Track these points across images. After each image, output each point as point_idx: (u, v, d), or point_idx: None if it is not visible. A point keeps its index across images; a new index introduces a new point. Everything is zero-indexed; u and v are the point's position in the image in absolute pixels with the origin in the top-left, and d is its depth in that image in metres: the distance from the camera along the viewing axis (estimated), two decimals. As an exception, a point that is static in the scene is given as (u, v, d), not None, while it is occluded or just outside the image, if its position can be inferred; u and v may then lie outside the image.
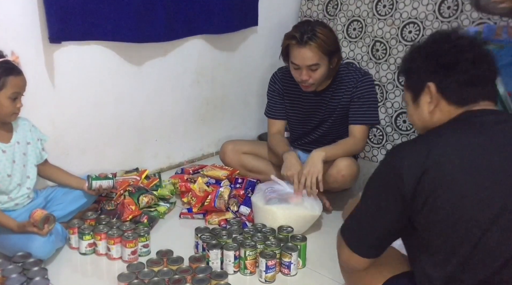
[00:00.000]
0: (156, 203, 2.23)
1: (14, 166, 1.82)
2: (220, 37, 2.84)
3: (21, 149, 1.86)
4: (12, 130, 1.86)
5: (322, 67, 2.16)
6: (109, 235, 1.85)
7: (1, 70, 1.70)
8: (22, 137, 1.88)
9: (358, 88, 2.25)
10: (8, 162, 1.80)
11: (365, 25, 2.94)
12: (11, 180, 1.82)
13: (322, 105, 2.34)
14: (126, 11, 2.29)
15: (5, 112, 1.75)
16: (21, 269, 1.62)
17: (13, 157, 1.82)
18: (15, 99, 1.75)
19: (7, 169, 1.80)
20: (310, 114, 2.39)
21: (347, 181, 2.22)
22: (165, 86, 2.68)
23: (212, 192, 2.21)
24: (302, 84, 2.23)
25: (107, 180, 2.01)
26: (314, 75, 2.16)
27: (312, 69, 2.15)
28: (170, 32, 2.53)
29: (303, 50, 2.10)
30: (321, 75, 2.18)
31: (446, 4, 2.60)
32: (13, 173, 1.82)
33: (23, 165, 1.87)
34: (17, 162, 1.84)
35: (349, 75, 2.27)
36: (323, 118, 2.36)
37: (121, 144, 2.56)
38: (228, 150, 2.51)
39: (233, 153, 2.49)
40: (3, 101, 1.72)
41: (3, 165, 1.79)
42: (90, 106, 2.38)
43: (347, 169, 2.19)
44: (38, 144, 1.94)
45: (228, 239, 1.83)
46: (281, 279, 1.75)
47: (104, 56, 2.36)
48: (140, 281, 1.58)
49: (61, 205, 1.96)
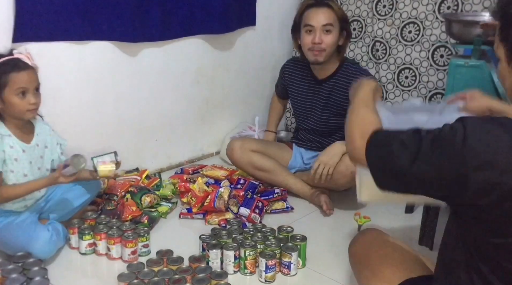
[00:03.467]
0: (158, 202, 2.23)
1: (30, 166, 1.83)
2: (220, 37, 2.84)
3: (39, 151, 1.87)
4: (33, 132, 1.86)
5: (334, 33, 2.26)
6: (109, 235, 1.85)
7: (2, 69, 1.70)
8: (42, 141, 1.88)
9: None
10: (26, 162, 1.81)
11: (365, 25, 2.94)
12: (27, 180, 1.82)
13: (321, 95, 2.37)
14: (121, 11, 2.28)
15: (17, 110, 1.74)
16: (21, 269, 1.62)
17: (30, 158, 1.83)
18: (24, 96, 1.73)
19: (25, 169, 1.81)
20: (310, 103, 2.44)
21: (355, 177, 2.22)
22: (165, 86, 2.68)
23: (212, 192, 2.21)
24: (313, 52, 2.28)
25: (107, 154, 1.93)
26: (326, 39, 2.24)
27: (326, 31, 2.24)
28: (166, 31, 2.52)
29: (320, 10, 2.25)
30: (332, 41, 2.26)
31: (446, 4, 2.60)
32: (29, 173, 1.83)
33: (38, 168, 1.87)
34: (34, 163, 1.84)
35: (353, 74, 2.28)
36: (323, 110, 2.39)
37: (121, 144, 2.56)
38: (236, 147, 2.48)
39: (242, 150, 2.46)
40: (10, 99, 1.71)
41: (22, 164, 1.79)
42: (90, 106, 2.38)
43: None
44: (58, 148, 1.95)
45: (228, 239, 1.83)
46: (281, 279, 1.75)
47: (104, 56, 2.36)
48: (140, 281, 1.58)
49: (61, 204, 1.96)
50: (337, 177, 2.21)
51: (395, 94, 2.87)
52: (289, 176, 2.44)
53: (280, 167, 2.45)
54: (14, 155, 1.77)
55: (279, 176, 2.42)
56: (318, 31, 2.24)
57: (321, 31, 2.24)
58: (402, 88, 2.84)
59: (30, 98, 1.74)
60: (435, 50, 2.67)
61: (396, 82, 2.86)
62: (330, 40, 2.25)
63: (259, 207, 2.18)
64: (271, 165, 2.43)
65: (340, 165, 2.21)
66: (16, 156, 1.78)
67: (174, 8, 2.51)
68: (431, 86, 2.72)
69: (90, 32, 2.25)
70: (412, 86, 2.79)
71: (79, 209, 2.02)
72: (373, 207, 2.24)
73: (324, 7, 2.25)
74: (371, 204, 2.21)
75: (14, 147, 1.77)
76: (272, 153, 2.51)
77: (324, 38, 2.24)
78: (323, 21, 2.23)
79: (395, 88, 2.86)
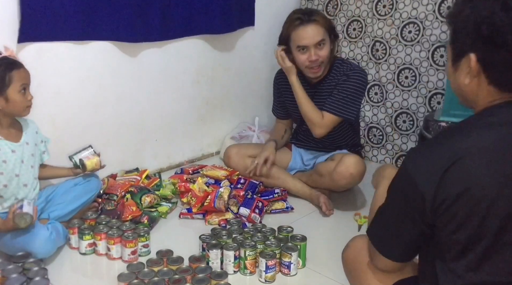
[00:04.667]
0: (158, 202, 2.23)
1: (22, 166, 1.83)
2: (220, 37, 2.84)
3: (29, 149, 1.87)
4: (21, 130, 1.87)
5: (327, 44, 2.24)
6: (109, 235, 1.85)
7: (3, 67, 1.71)
8: (31, 138, 1.88)
9: (343, 80, 2.26)
10: (17, 162, 1.81)
11: (365, 25, 2.94)
12: (19, 180, 1.82)
13: (316, 96, 2.36)
14: (122, 10, 2.29)
15: (19, 107, 1.77)
16: (21, 269, 1.62)
17: (22, 156, 1.83)
18: (24, 92, 1.76)
19: (16, 169, 1.80)
20: None
21: (355, 179, 2.22)
22: (165, 86, 2.68)
23: (212, 192, 2.21)
24: (311, 70, 2.27)
25: (85, 150, 2.05)
26: (321, 53, 2.22)
27: (320, 47, 2.21)
28: (166, 32, 2.53)
29: (309, 27, 2.20)
30: (327, 53, 2.25)
31: (446, 4, 2.60)
32: (21, 172, 1.82)
33: (31, 166, 1.87)
34: (26, 162, 1.84)
35: (342, 68, 2.30)
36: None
37: (121, 144, 2.56)
38: (232, 154, 2.50)
39: (238, 156, 2.48)
40: (14, 97, 1.73)
41: (12, 165, 1.79)
42: (90, 106, 2.38)
43: (355, 167, 2.19)
44: (42, 145, 1.96)
45: (228, 239, 1.83)
46: (281, 279, 1.75)
47: (104, 56, 2.36)
48: (140, 281, 1.58)
49: (62, 204, 1.96)
50: (337, 178, 2.21)
51: (395, 94, 2.87)
52: (287, 178, 2.43)
53: (278, 170, 2.44)
54: (2, 157, 1.76)
55: (277, 179, 2.43)
56: (313, 49, 2.21)
57: (315, 48, 2.21)
58: (402, 88, 2.84)
59: (29, 95, 1.79)
60: (435, 50, 2.67)
61: (396, 82, 2.85)
62: (325, 53, 2.23)
63: (259, 207, 2.18)
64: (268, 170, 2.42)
65: (339, 166, 2.20)
66: (4, 157, 1.77)
67: (174, 9, 2.51)
68: (431, 86, 2.72)
69: (91, 32, 2.25)
70: (412, 86, 2.79)
71: (79, 210, 2.02)
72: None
73: (311, 24, 2.20)
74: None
75: (1, 149, 1.77)
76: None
77: (319, 53, 2.22)
78: (315, 39, 2.20)
79: (395, 88, 2.86)
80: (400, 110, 2.87)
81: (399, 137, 2.89)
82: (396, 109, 2.88)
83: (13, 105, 1.75)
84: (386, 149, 2.96)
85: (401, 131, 2.88)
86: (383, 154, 2.98)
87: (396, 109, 2.88)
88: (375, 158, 3.02)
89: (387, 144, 2.95)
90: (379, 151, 3.00)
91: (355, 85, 2.25)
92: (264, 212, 2.21)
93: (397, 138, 2.90)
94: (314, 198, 2.33)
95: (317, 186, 2.37)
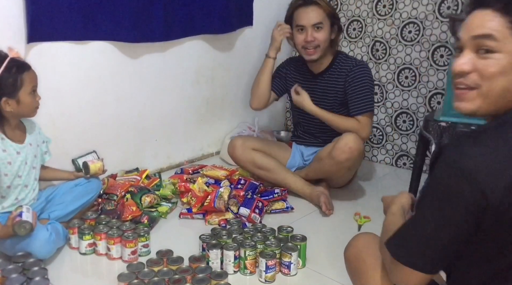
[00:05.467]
0: (158, 202, 2.24)
1: (25, 167, 1.83)
2: (219, 37, 2.84)
3: (32, 150, 1.87)
4: (25, 131, 1.87)
5: (325, 29, 2.30)
6: (109, 235, 1.85)
7: (14, 70, 1.70)
8: (34, 139, 1.89)
9: (352, 75, 2.31)
10: (21, 164, 1.81)
11: (365, 25, 2.94)
12: (21, 180, 1.82)
13: (318, 88, 2.40)
14: (124, 11, 2.29)
15: (29, 108, 1.78)
16: (21, 269, 1.62)
17: (25, 158, 1.83)
18: (34, 93, 1.78)
19: (20, 170, 1.81)
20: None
21: (353, 153, 2.20)
22: (165, 86, 2.68)
23: (212, 192, 2.21)
24: (307, 51, 2.33)
25: (88, 154, 2.08)
26: (318, 36, 2.29)
27: (317, 29, 2.29)
28: (168, 32, 2.53)
29: (309, 9, 2.29)
30: (324, 37, 2.30)
31: (446, 4, 2.60)
32: (23, 174, 1.83)
33: (33, 167, 1.87)
34: (28, 163, 1.85)
35: (345, 63, 2.36)
36: (319, 103, 2.39)
37: (121, 144, 2.56)
38: (238, 145, 2.48)
39: (243, 148, 2.47)
40: (25, 99, 1.74)
41: (17, 166, 1.80)
42: (90, 106, 2.38)
43: (354, 141, 2.20)
44: (43, 146, 1.96)
45: (228, 239, 1.83)
46: (281, 279, 1.75)
47: (104, 56, 2.36)
48: (140, 281, 1.58)
49: (62, 205, 1.96)
50: (336, 153, 2.20)
51: (395, 94, 2.87)
52: (289, 174, 2.44)
53: (280, 166, 2.46)
54: (7, 159, 1.77)
55: (279, 174, 2.43)
56: (310, 30, 2.29)
57: (312, 29, 2.29)
58: (402, 88, 2.84)
59: (38, 96, 1.80)
60: (435, 50, 2.67)
61: (396, 82, 2.86)
62: (322, 37, 2.30)
63: (259, 207, 2.18)
64: (272, 163, 2.44)
65: (338, 142, 2.21)
66: (10, 159, 1.78)
67: (175, 9, 2.51)
68: (431, 86, 2.72)
69: (91, 32, 2.25)
70: (412, 86, 2.80)
71: (79, 210, 2.02)
72: (373, 207, 2.24)
73: (312, 6, 2.29)
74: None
75: (7, 150, 1.77)
76: (272, 151, 2.53)
77: (316, 35, 2.29)
78: (312, 20, 2.28)
79: (395, 88, 2.86)
80: (400, 110, 2.87)
81: (399, 137, 2.89)
82: (396, 109, 2.88)
83: (24, 107, 1.76)
84: (386, 148, 2.97)
85: (401, 131, 2.88)
86: (383, 154, 2.98)
87: (396, 109, 2.88)
88: (375, 158, 3.02)
89: (387, 143, 2.96)
90: (379, 150, 3.00)
91: (368, 79, 2.33)
92: (264, 212, 2.21)
93: (397, 138, 2.90)
94: (314, 197, 2.33)
95: (317, 175, 2.38)
